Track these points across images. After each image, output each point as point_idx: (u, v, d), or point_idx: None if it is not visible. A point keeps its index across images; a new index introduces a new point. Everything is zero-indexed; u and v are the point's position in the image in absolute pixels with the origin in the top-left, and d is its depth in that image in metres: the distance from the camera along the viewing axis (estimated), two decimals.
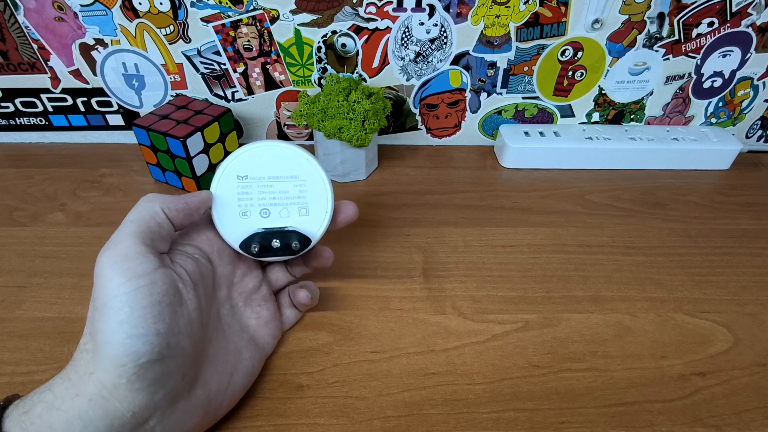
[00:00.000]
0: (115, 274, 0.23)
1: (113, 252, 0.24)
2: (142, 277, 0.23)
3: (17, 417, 0.22)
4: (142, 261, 0.24)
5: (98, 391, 0.22)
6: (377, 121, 0.45)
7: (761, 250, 0.42)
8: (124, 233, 0.25)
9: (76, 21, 0.46)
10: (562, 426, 0.29)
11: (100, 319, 0.23)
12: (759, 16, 0.46)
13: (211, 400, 0.26)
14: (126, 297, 0.23)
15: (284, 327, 0.33)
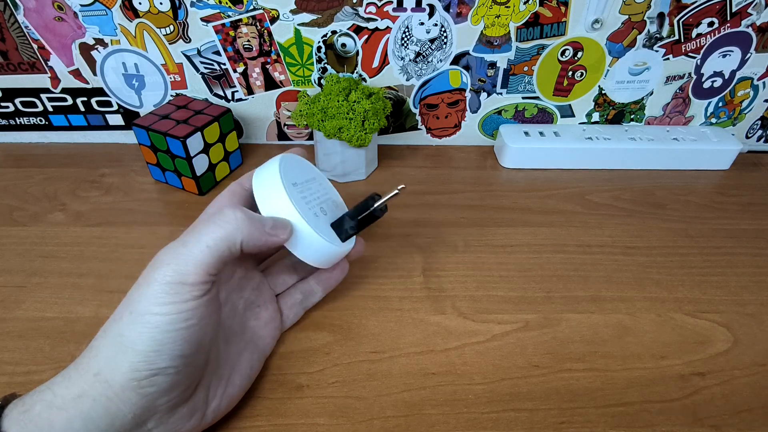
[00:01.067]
0: (165, 293, 0.22)
1: (174, 269, 0.23)
2: (191, 310, 0.23)
3: (16, 416, 0.22)
4: (197, 293, 0.23)
5: (103, 392, 0.22)
6: (377, 121, 0.45)
7: (761, 250, 0.42)
8: (194, 256, 0.23)
9: (76, 21, 0.46)
10: (562, 426, 0.29)
11: (130, 326, 0.22)
12: (759, 16, 0.46)
13: (210, 403, 0.26)
14: (166, 319, 0.22)
15: (284, 327, 0.33)
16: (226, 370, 0.28)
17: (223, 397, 0.27)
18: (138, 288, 0.23)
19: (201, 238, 0.24)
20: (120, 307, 0.24)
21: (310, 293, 0.34)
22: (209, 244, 0.23)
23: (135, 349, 0.22)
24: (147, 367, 0.22)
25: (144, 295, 0.22)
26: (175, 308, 0.22)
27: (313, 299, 0.35)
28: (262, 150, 0.55)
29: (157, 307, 0.22)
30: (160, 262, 0.23)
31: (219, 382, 0.27)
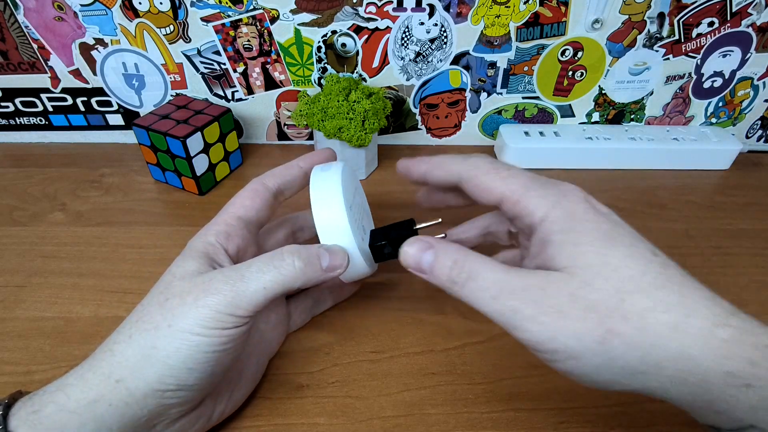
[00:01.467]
0: (214, 320, 0.23)
1: (229, 301, 0.23)
2: (232, 336, 0.23)
3: (25, 416, 0.21)
4: (242, 324, 0.23)
5: (122, 398, 0.22)
6: (377, 120, 0.45)
7: (761, 250, 0.42)
8: (250, 294, 0.23)
9: (76, 21, 0.46)
10: (562, 426, 0.29)
11: (168, 340, 0.22)
12: (759, 16, 0.46)
13: (216, 409, 0.26)
14: (207, 341, 0.22)
15: (290, 330, 0.33)
16: (234, 376, 0.28)
17: (229, 402, 0.27)
18: (183, 305, 0.23)
19: (260, 278, 0.23)
20: (151, 316, 0.23)
21: (320, 300, 0.34)
22: (266, 286, 0.23)
23: (167, 364, 0.22)
24: (175, 382, 0.22)
25: (189, 315, 0.22)
26: (218, 333, 0.23)
27: (323, 306, 0.35)
28: (262, 150, 0.55)
29: (202, 329, 0.22)
30: (216, 289, 0.23)
31: (227, 387, 0.27)
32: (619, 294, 0.20)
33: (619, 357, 0.19)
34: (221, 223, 0.27)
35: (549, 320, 0.20)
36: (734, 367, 0.18)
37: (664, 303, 0.20)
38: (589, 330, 0.20)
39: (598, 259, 0.21)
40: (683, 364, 0.19)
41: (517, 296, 0.21)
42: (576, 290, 0.20)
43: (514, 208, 0.24)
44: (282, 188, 0.30)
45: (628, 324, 0.19)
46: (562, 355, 0.20)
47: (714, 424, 0.20)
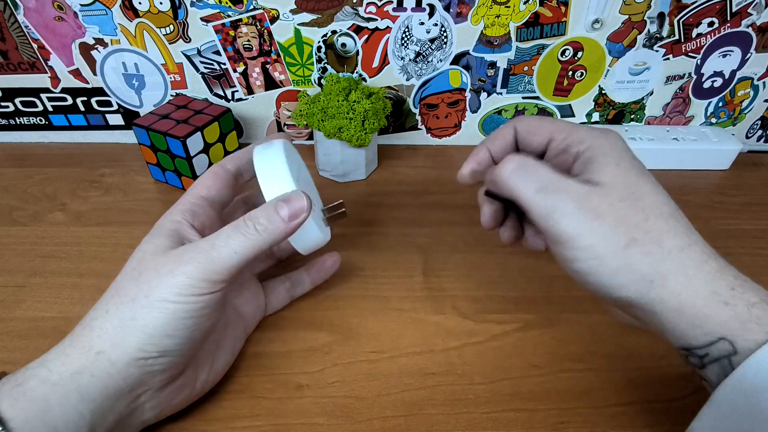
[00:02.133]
0: (190, 286, 0.24)
1: (203, 267, 0.24)
2: (208, 302, 0.24)
3: (8, 390, 0.22)
4: (216, 289, 0.25)
5: (104, 369, 0.23)
6: (377, 120, 0.45)
7: (761, 250, 0.42)
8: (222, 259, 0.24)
9: (76, 20, 0.46)
10: (562, 426, 0.29)
11: (146, 310, 0.23)
12: (759, 16, 0.46)
13: (199, 377, 0.27)
14: (184, 307, 0.24)
15: (268, 310, 0.34)
16: (212, 347, 0.29)
17: (210, 372, 0.28)
18: (158, 277, 0.24)
19: (229, 244, 0.25)
20: (126, 290, 0.24)
21: (298, 282, 0.35)
22: (237, 250, 0.25)
23: (147, 332, 0.23)
24: (156, 349, 0.23)
25: (165, 284, 0.24)
26: (194, 299, 0.24)
27: (301, 289, 0.35)
28: None
29: (178, 296, 0.23)
30: (190, 258, 0.24)
31: (206, 358, 0.28)
32: (645, 213, 0.24)
33: (636, 262, 0.23)
34: (186, 203, 0.29)
35: (586, 219, 0.23)
36: (718, 287, 0.22)
37: (675, 230, 0.24)
38: (617, 235, 0.23)
39: (633, 182, 0.25)
40: (682, 279, 0.23)
41: (561, 194, 0.24)
42: (614, 202, 0.24)
43: (564, 141, 0.27)
44: (241, 170, 0.32)
45: (649, 236, 0.23)
46: (587, 253, 0.23)
47: (689, 342, 0.23)
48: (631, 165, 0.25)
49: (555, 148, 0.28)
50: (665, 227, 0.24)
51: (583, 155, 0.26)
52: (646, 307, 0.23)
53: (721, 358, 0.21)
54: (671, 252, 0.23)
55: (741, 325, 0.21)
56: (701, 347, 0.22)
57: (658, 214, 0.24)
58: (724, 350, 0.21)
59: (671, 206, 0.25)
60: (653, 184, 0.25)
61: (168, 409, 0.26)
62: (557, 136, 0.27)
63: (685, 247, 0.23)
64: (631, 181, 0.25)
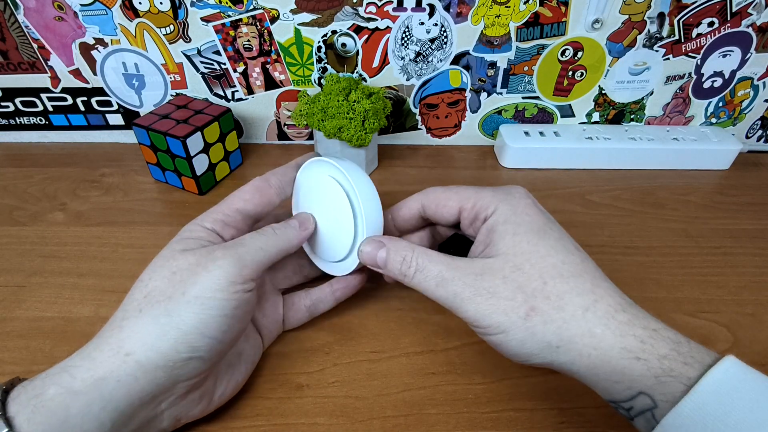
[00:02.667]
0: (225, 281, 0.24)
1: (235, 263, 0.25)
2: (240, 299, 0.25)
3: (26, 400, 0.21)
4: (248, 287, 0.26)
5: (132, 372, 0.22)
6: (377, 120, 0.45)
7: (761, 250, 0.42)
8: (251, 255, 0.26)
9: (76, 20, 0.46)
10: (562, 426, 0.29)
11: (182, 306, 0.24)
12: (759, 16, 0.46)
13: (217, 390, 0.27)
14: (219, 303, 0.24)
15: (287, 326, 0.33)
16: (233, 359, 0.28)
17: (229, 384, 0.28)
18: (195, 275, 0.24)
19: (255, 242, 0.27)
20: (160, 290, 0.24)
21: (320, 299, 0.34)
22: (263, 247, 0.27)
23: (181, 329, 0.23)
24: (187, 349, 0.23)
25: (201, 281, 0.24)
26: (228, 295, 0.24)
27: (323, 306, 0.34)
28: (262, 150, 0.55)
29: (214, 292, 0.24)
30: (222, 255, 0.25)
31: (227, 369, 0.28)
32: (543, 278, 0.24)
33: (539, 331, 0.23)
34: (219, 213, 0.28)
35: (483, 300, 0.24)
36: (627, 343, 0.22)
37: (578, 289, 0.24)
38: (515, 307, 0.24)
39: (530, 248, 0.25)
40: (589, 340, 0.23)
41: (456, 282, 0.25)
42: (508, 273, 0.24)
43: (473, 210, 0.28)
44: (283, 186, 0.31)
45: (549, 303, 0.23)
46: (493, 330, 0.24)
47: (612, 397, 0.23)
48: (529, 228, 0.26)
49: (467, 217, 0.29)
50: (565, 288, 0.24)
51: (487, 223, 0.27)
52: (561, 368, 0.24)
53: (644, 411, 0.22)
54: (574, 314, 0.23)
55: (656, 379, 0.21)
56: (625, 401, 0.22)
57: (557, 275, 0.24)
58: (645, 404, 0.22)
59: (572, 264, 0.25)
60: (555, 240, 0.25)
61: (185, 419, 0.26)
62: (466, 205, 0.28)
63: (589, 306, 0.23)
64: (526, 247, 0.25)
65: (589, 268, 0.25)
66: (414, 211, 0.31)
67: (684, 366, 0.21)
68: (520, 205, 0.27)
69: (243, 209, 0.29)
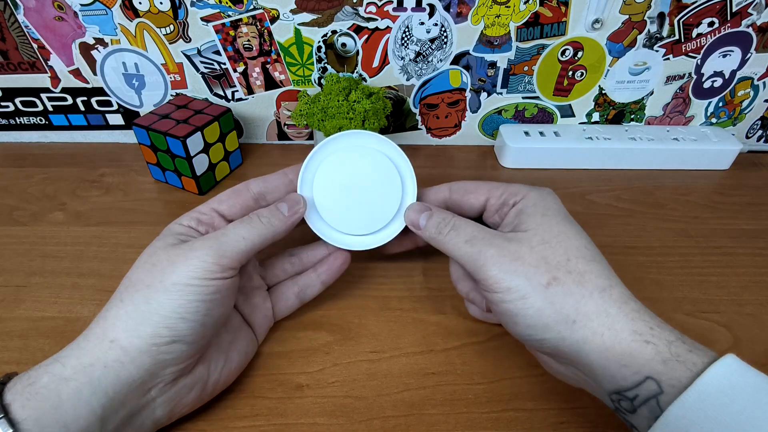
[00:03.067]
0: (202, 269, 0.25)
1: (214, 252, 0.26)
2: (219, 286, 0.26)
3: (21, 389, 0.22)
4: (227, 275, 0.26)
5: (117, 357, 0.23)
6: (377, 120, 0.45)
7: (761, 250, 0.42)
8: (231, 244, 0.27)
9: (76, 20, 0.46)
10: (562, 426, 0.29)
11: (159, 293, 0.24)
12: (759, 16, 0.46)
13: (210, 377, 0.28)
14: (196, 289, 0.25)
15: (277, 317, 0.34)
16: (224, 347, 0.29)
17: (222, 373, 0.28)
18: (173, 264, 0.25)
19: (238, 232, 0.27)
20: (140, 280, 0.25)
21: (307, 285, 0.34)
22: (245, 236, 0.27)
23: (161, 314, 0.24)
24: (169, 333, 0.24)
25: (178, 269, 0.25)
26: (206, 282, 0.25)
27: (311, 292, 0.34)
28: (262, 150, 0.55)
29: (191, 279, 0.25)
30: (201, 245, 0.26)
31: (219, 357, 0.28)
32: (567, 255, 0.25)
33: (559, 302, 0.24)
34: (196, 212, 0.30)
35: (507, 262, 0.26)
36: (639, 327, 0.23)
37: (597, 271, 0.25)
38: (538, 274, 0.25)
39: (558, 228, 0.27)
40: (605, 320, 0.23)
41: (486, 241, 0.27)
42: (536, 245, 0.26)
43: (502, 197, 0.30)
44: (264, 192, 0.32)
45: (570, 277, 0.25)
46: (513, 294, 0.25)
47: (618, 384, 0.23)
48: (557, 213, 0.28)
49: (494, 204, 0.31)
50: (587, 268, 0.25)
51: (516, 206, 0.29)
52: (572, 349, 0.24)
53: (649, 398, 0.22)
54: (593, 293, 0.24)
55: (664, 363, 0.22)
56: (630, 388, 0.22)
57: (580, 256, 0.26)
58: (651, 390, 0.22)
59: (593, 251, 0.26)
60: (577, 231, 0.27)
61: (179, 407, 0.26)
62: (495, 193, 0.31)
63: (606, 288, 0.24)
64: (554, 226, 0.27)
65: (603, 260, 0.26)
66: (440, 197, 0.33)
67: (689, 353, 0.22)
68: (549, 197, 0.29)
69: (217, 209, 0.30)
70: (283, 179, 0.33)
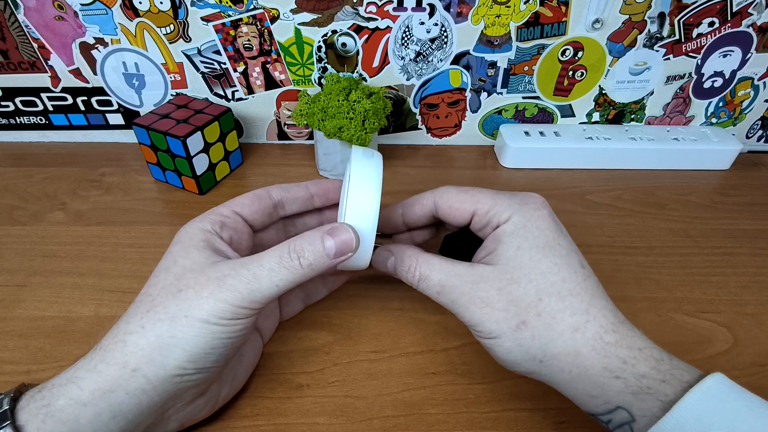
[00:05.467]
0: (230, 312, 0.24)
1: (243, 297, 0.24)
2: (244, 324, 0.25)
3: (36, 410, 0.21)
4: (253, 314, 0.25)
5: (140, 386, 0.23)
6: (377, 120, 0.45)
7: (761, 250, 0.42)
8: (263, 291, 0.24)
9: (76, 20, 0.46)
10: (562, 426, 0.29)
11: (186, 329, 0.23)
12: (759, 16, 0.46)
13: (221, 392, 0.28)
14: (223, 329, 0.24)
15: (284, 319, 0.34)
16: (236, 362, 0.29)
17: (232, 386, 0.28)
18: (200, 298, 0.24)
19: (272, 278, 0.25)
20: (164, 307, 0.24)
21: (313, 291, 0.35)
22: (279, 285, 0.25)
23: (187, 350, 0.23)
24: (194, 366, 0.23)
25: (206, 308, 0.23)
26: (233, 323, 0.24)
27: (316, 297, 0.35)
28: (263, 149, 0.55)
29: (218, 320, 0.24)
30: (232, 286, 0.24)
31: (229, 373, 0.28)
32: (539, 294, 0.25)
33: (526, 345, 0.24)
34: (218, 214, 0.28)
35: (477, 309, 0.25)
36: (609, 363, 0.23)
37: (573, 308, 0.24)
38: (507, 319, 0.25)
39: (531, 263, 0.25)
40: (573, 359, 0.24)
41: (455, 291, 0.26)
42: (504, 286, 0.25)
43: (485, 216, 0.28)
44: (284, 201, 0.32)
45: (539, 320, 0.24)
46: (487, 335, 0.25)
47: (590, 410, 0.24)
48: (535, 244, 0.26)
49: (479, 221, 0.28)
50: (560, 306, 0.24)
51: (497, 231, 0.27)
52: (543, 378, 0.25)
53: (623, 424, 0.23)
54: (563, 333, 0.24)
55: (633, 396, 0.22)
56: (603, 414, 0.23)
57: (554, 293, 0.24)
58: (623, 418, 0.22)
59: (573, 282, 0.25)
60: (560, 257, 0.25)
61: (191, 421, 0.27)
62: (480, 209, 0.28)
63: (580, 326, 0.24)
64: (527, 262, 0.25)
65: (589, 287, 0.25)
66: (426, 210, 0.31)
67: (662, 384, 0.22)
68: (534, 216, 0.27)
69: (240, 212, 0.29)
70: (305, 192, 0.32)
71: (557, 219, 0.28)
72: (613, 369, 0.23)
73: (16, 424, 0.21)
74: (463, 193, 0.29)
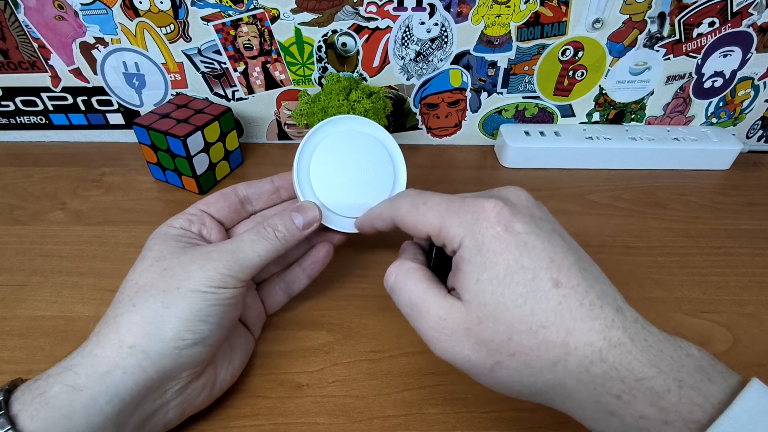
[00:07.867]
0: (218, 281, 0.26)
1: (230, 266, 0.26)
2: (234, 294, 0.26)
3: (30, 399, 0.21)
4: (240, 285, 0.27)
5: (138, 363, 0.23)
6: (377, 120, 0.45)
7: (761, 250, 0.42)
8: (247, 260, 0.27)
9: (76, 20, 0.46)
10: (562, 426, 0.29)
11: (178, 298, 0.24)
12: (760, 16, 0.46)
13: (218, 378, 0.28)
14: (214, 296, 0.25)
15: (268, 312, 0.34)
16: (227, 348, 0.29)
17: (227, 372, 0.29)
18: (188, 271, 0.25)
19: (254, 248, 0.28)
20: (152, 285, 0.25)
21: (294, 280, 0.34)
22: (260, 254, 0.28)
23: (182, 318, 0.24)
24: (191, 336, 0.24)
25: (195, 277, 0.25)
26: (222, 291, 0.26)
27: (298, 286, 0.35)
28: (263, 149, 0.55)
29: (208, 287, 0.25)
30: (217, 257, 0.26)
31: (224, 358, 0.29)
32: (508, 333, 0.22)
33: (508, 382, 0.23)
34: (185, 213, 0.31)
35: (448, 347, 0.24)
36: (601, 398, 0.21)
37: (547, 343, 0.21)
38: (480, 359, 0.23)
39: (493, 299, 0.22)
40: (560, 391, 0.22)
41: (421, 322, 0.25)
42: (471, 326, 0.23)
43: (438, 239, 0.26)
44: (250, 197, 0.33)
45: (514, 360, 0.22)
46: (464, 371, 0.24)
47: None
48: (494, 274, 0.22)
49: (437, 242, 0.26)
50: (533, 343, 0.21)
51: (455, 257, 0.25)
52: (543, 403, 0.24)
53: None
54: (542, 370, 0.22)
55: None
56: None
57: (525, 330, 0.22)
58: None
59: (548, 305, 0.22)
60: (525, 283, 0.22)
61: (190, 408, 0.27)
62: (432, 232, 0.26)
63: (558, 360, 0.21)
64: (489, 298, 0.22)
65: (567, 308, 0.22)
66: (389, 224, 0.30)
67: (664, 426, 0.19)
68: (487, 236, 0.23)
69: (206, 210, 0.31)
70: (270, 186, 0.34)
71: (520, 223, 0.23)
72: (606, 404, 0.21)
73: (10, 414, 0.21)
74: (414, 211, 0.27)
